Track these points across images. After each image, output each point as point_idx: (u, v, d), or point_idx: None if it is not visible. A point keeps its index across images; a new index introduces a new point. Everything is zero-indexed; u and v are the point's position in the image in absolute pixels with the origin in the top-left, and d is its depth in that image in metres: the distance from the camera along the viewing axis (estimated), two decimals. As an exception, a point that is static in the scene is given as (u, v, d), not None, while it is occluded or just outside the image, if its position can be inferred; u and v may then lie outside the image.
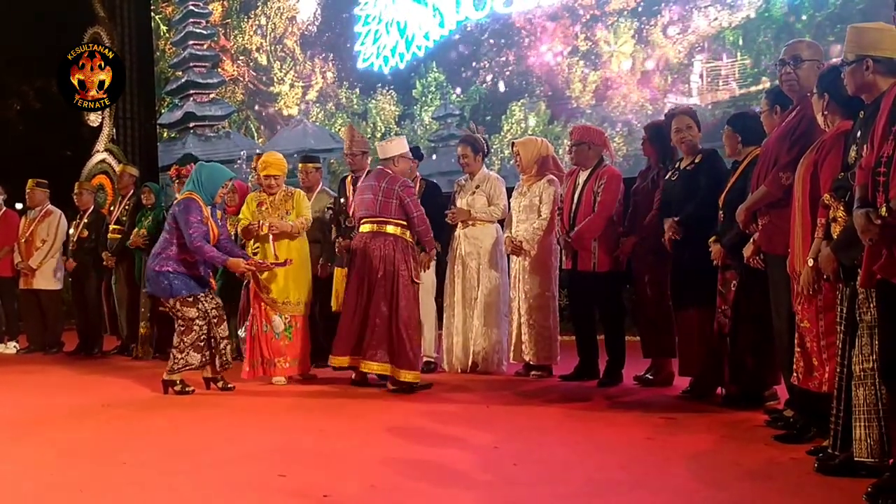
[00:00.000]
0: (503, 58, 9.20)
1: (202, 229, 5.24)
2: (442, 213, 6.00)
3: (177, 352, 5.27)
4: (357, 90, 10.34)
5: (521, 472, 3.36)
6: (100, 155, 12.08)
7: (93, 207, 8.07)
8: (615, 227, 5.47)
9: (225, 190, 5.48)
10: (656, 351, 5.37)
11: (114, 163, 11.60)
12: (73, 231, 7.98)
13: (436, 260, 5.94)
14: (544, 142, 6.12)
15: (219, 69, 11.66)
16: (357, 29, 10.32)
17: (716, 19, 7.90)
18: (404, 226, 5.33)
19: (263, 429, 4.33)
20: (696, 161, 4.89)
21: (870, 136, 2.86)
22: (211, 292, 5.44)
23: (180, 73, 11.93)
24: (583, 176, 5.60)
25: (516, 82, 9.13)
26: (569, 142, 5.84)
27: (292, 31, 10.93)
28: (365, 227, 5.38)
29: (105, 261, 7.60)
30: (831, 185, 3.15)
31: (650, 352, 5.40)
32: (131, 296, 7.46)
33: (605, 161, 5.68)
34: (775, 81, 4.23)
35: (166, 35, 12.13)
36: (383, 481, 3.21)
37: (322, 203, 6.42)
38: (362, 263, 5.29)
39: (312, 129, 10.72)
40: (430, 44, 9.68)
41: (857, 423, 2.98)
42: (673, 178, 4.97)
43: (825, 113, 3.36)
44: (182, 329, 5.28)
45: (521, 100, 9.05)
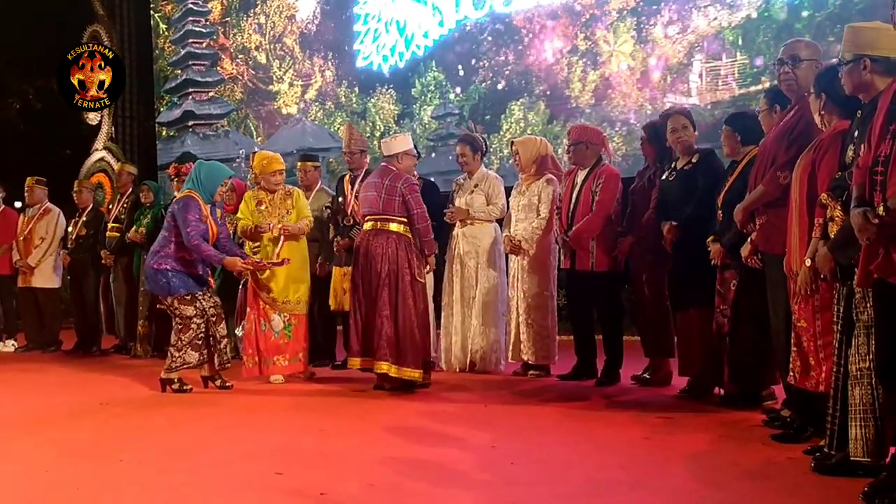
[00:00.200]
0: (502, 57, 9.20)
1: (200, 228, 5.24)
2: (439, 212, 5.99)
3: (174, 350, 5.27)
4: (356, 89, 10.34)
5: (518, 471, 3.36)
6: (99, 153, 12.09)
7: (92, 205, 8.07)
8: (613, 227, 5.47)
9: (224, 188, 5.48)
10: (654, 350, 5.37)
11: (113, 161, 11.60)
12: (71, 229, 7.98)
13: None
14: (543, 141, 6.12)
15: (218, 67, 11.65)
16: (356, 28, 10.31)
17: (715, 19, 7.90)
18: (407, 223, 5.29)
19: (262, 428, 4.33)
20: (694, 161, 4.89)
21: (867, 136, 2.86)
22: (209, 291, 5.45)
23: (179, 72, 11.92)
24: (581, 175, 5.60)
25: (515, 81, 9.12)
26: (567, 141, 5.84)
27: (292, 29, 10.93)
28: (368, 225, 5.33)
29: (103, 259, 7.61)
30: (828, 185, 3.15)
31: (649, 351, 5.41)
32: (130, 294, 7.46)
33: (604, 160, 5.68)
34: (775, 81, 4.23)
35: (165, 33, 12.13)
36: (381, 480, 3.22)
37: (320, 202, 6.43)
38: (365, 262, 5.24)
39: (311, 128, 10.71)
40: (429, 43, 9.68)
41: (853, 422, 2.99)
42: (670, 179, 4.97)
43: (822, 113, 3.36)
44: (179, 327, 5.29)
45: (521, 99, 9.05)
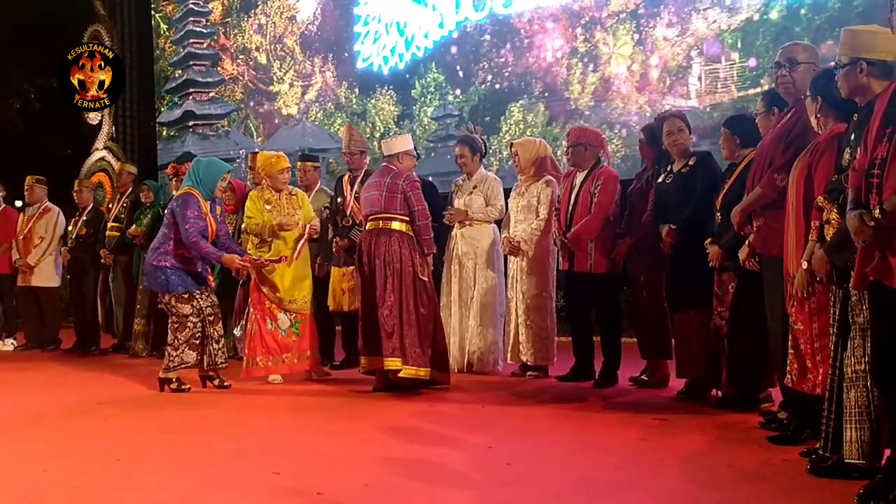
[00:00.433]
0: (502, 58, 9.21)
1: (199, 225, 5.25)
2: (438, 213, 6.00)
3: (172, 349, 5.28)
4: (356, 90, 10.33)
5: (514, 471, 3.37)
6: (99, 153, 12.08)
7: (92, 205, 8.08)
8: (612, 229, 5.48)
9: (224, 183, 5.49)
10: (651, 352, 5.37)
11: (113, 161, 11.59)
12: (71, 228, 7.99)
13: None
14: (542, 142, 6.13)
15: (218, 68, 11.65)
16: (357, 29, 10.31)
17: (715, 21, 7.90)
18: (409, 221, 5.25)
19: (259, 427, 4.34)
20: (690, 164, 4.90)
21: (863, 139, 2.87)
22: (207, 290, 5.45)
23: (180, 72, 11.92)
24: (580, 177, 5.61)
25: (515, 83, 9.13)
26: (566, 143, 5.85)
27: (292, 30, 10.93)
28: (370, 225, 5.30)
29: (103, 258, 7.61)
30: (825, 188, 3.16)
31: (647, 353, 5.41)
32: (129, 294, 7.47)
33: (603, 162, 5.69)
34: (773, 84, 4.23)
35: (166, 33, 12.13)
36: (378, 480, 3.22)
37: (320, 202, 6.43)
38: (369, 262, 5.21)
39: (311, 129, 10.71)
40: (429, 44, 9.68)
41: (848, 424, 3.00)
42: (667, 181, 4.97)
43: (819, 116, 3.37)
44: (176, 326, 5.29)
45: (520, 100, 9.05)
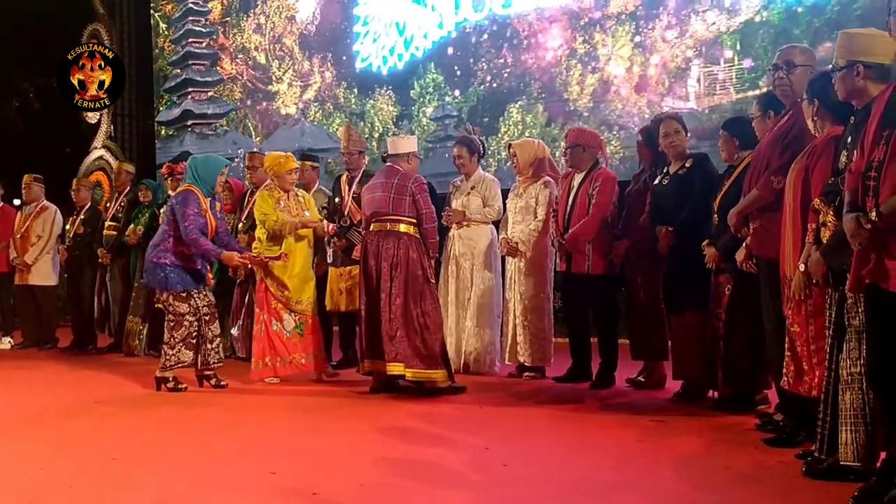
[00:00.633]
0: (501, 59, 9.21)
1: (199, 222, 5.25)
2: (437, 213, 5.98)
3: (168, 348, 5.28)
4: (355, 90, 10.33)
5: (511, 472, 3.37)
6: (97, 152, 12.07)
7: (90, 204, 8.08)
8: (610, 230, 5.48)
9: (223, 178, 5.50)
10: (648, 353, 5.37)
11: (111, 160, 11.58)
12: (69, 227, 7.99)
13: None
14: (541, 144, 6.13)
15: (217, 67, 11.64)
16: (356, 29, 10.31)
17: (714, 24, 7.91)
18: (415, 224, 5.22)
19: (256, 427, 4.34)
20: (687, 165, 4.90)
21: (861, 141, 2.87)
22: (205, 289, 5.45)
23: (179, 71, 11.91)
24: (578, 178, 5.61)
25: (514, 84, 9.13)
26: (564, 144, 5.85)
27: (291, 30, 10.93)
28: (376, 227, 5.22)
29: (100, 257, 7.61)
30: (822, 190, 3.16)
31: (640, 354, 5.41)
32: (126, 293, 7.46)
33: (601, 164, 5.69)
34: (771, 86, 4.24)
35: (165, 32, 12.13)
36: (374, 480, 3.23)
37: (318, 202, 6.41)
38: (376, 264, 5.14)
39: (310, 129, 10.71)
40: (428, 45, 9.67)
41: (843, 427, 3.00)
42: (663, 183, 4.98)
43: (815, 119, 3.37)
44: (172, 324, 5.29)
45: (519, 101, 9.05)
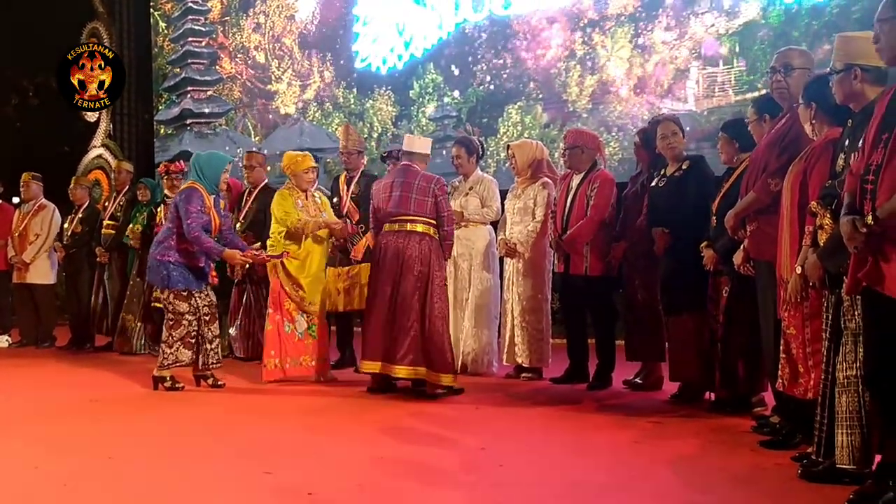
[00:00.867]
0: (500, 60, 9.21)
1: (201, 219, 5.24)
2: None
3: (166, 347, 5.27)
4: (354, 90, 10.33)
5: (506, 473, 3.37)
6: (96, 150, 12.06)
7: (88, 202, 8.07)
8: (608, 232, 5.48)
9: (226, 175, 5.50)
10: (645, 355, 5.38)
11: (110, 158, 11.57)
12: (67, 225, 7.98)
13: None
14: (539, 145, 6.13)
15: (217, 66, 11.64)
16: (355, 29, 10.32)
17: (713, 26, 7.92)
18: (435, 225, 5.17)
19: (252, 426, 4.34)
20: (684, 167, 4.90)
21: (861, 143, 2.87)
22: (207, 289, 5.45)
23: (178, 70, 11.90)
24: (576, 180, 5.62)
25: (513, 85, 9.14)
26: (563, 145, 5.85)
27: (291, 29, 10.93)
28: (392, 226, 5.16)
29: (98, 256, 7.61)
30: (819, 193, 3.16)
31: (637, 355, 5.41)
32: (123, 291, 7.45)
33: (599, 165, 5.69)
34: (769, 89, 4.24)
35: (165, 31, 12.12)
36: (370, 481, 3.22)
37: (317, 202, 6.44)
38: (393, 264, 5.08)
39: (309, 128, 10.71)
40: (427, 45, 9.68)
41: (839, 429, 3.00)
42: (660, 185, 4.97)
43: (813, 122, 3.37)
44: (171, 323, 5.29)
45: (518, 102, 9.06)
